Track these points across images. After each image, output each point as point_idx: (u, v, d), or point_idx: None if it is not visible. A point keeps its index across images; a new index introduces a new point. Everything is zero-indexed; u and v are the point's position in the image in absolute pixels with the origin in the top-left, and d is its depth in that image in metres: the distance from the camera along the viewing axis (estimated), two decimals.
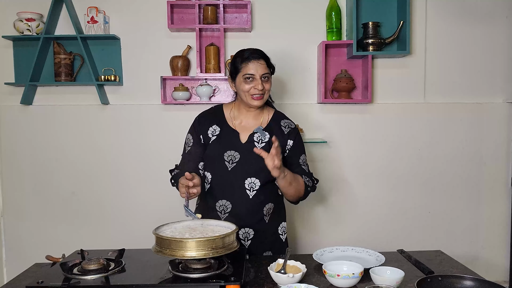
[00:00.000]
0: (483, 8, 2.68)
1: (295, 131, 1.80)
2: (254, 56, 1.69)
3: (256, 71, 1.68)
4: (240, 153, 1.71)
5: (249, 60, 1.68)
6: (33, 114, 2.67)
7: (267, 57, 1.74)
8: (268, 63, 1.73)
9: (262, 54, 1.72)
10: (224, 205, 1.69)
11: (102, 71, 2.63)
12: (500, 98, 2.73)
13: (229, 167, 1.70)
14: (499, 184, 2.76)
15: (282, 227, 1.82)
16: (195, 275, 1.29)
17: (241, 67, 1.70)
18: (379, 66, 2.68)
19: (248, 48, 1.74)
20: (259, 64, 1.69)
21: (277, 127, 1.78)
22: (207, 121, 1.78)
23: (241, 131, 1.76)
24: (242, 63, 1.70)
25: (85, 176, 2.69)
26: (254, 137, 1.74)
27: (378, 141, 2.71)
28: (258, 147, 1.71)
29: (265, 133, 1.74)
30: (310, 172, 1.82)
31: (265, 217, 1.74)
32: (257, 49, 1.74)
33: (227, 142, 1.73)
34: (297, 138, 1.79)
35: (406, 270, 1.41)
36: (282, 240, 1.81)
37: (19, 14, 2.51)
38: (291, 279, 1.32)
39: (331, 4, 2.58)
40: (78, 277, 1.30)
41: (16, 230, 2.71)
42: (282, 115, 1.85)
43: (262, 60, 1.70)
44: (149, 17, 2.63)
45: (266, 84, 1.71)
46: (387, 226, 2.75)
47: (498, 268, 2.78)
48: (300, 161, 1.78)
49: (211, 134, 1.76)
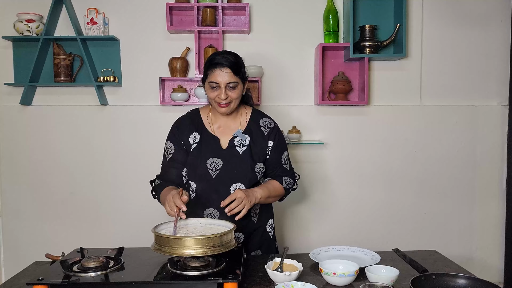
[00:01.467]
0: (478, 11, 2.71)
1: (275, 130, 1.76)
2: (220, 64, 1.60)
3: (221, 79, 1.60)
4: (222, 159, 1.68)
5: (215, 67, 1.60)
6: (32, 114, 2.68)
7: (235, 64, 1.62)
8: (235, 71, 1.61)
9: (229, 62, 1.61)
10: (211, 213, 1.68)
11: (101, 72, 2.65)
12: (495, 101, 2.77)
13: (213, 174, 1.67)
14: (493, 185, 2.79)
15: (270, 224, 1.82)
16: (194, 272, 1.30)
17: (208, 74, 1.64)
18: (376, 68, 2.71)
19: (220, 52, 1.68)
20: (224, 72, 1.60)
21: (256, 128, 1.74)
22: (187, 128, 1.74)
23: (221, 136, 1.72)
24: (208, 70, 1.63)
25: (83, 176, 2.71)
26: (235, 142, 1.71)
27: (374, 142, 2.74)
28: (240, 151, 1.70)
29: (245, 136, 1.72)
30: (291, 168, 1.82)
31: (253, 218, 1.75)
32: (228, 56, 1.63)
33: (208, 149, 1.70)
34: (277, 136, 1.76)
35: (401, 269, 1.43)
36: (270, 236, 1.82)
37: (19, 15, 2.53)
38: (288, 277, 1.34)
39: (329, 7, 2.61)
40: (78, 275, 1.31)
41: (14, 229, 2.72)
42: (261, 114, 1.80)
43: (227, 68, 1.60)
44: (148, 18, 2.65)
45: (231, 92, 1.63)
46: (383, 226, 2.77)
47: (492, 268, 2.81)
48: (282, 160, 1.77)
49: (192, 141, 1.72)
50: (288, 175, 1.79)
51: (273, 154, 1.75)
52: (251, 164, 1.69)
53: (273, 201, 1.77)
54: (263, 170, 1.74)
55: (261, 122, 1.77)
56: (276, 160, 1.76)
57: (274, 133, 1.76)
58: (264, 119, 1.78)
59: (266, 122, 1.77)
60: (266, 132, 1.75)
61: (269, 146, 1.74)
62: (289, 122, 2.65)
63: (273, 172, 1.77)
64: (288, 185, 1.77)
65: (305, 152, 2.71)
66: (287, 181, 1.77)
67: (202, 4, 2.55)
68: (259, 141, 1.73)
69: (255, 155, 1.71)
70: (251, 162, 1.70)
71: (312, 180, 2.72)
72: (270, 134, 1.75)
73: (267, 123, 1.77)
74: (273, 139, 1.75)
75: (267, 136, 1.74)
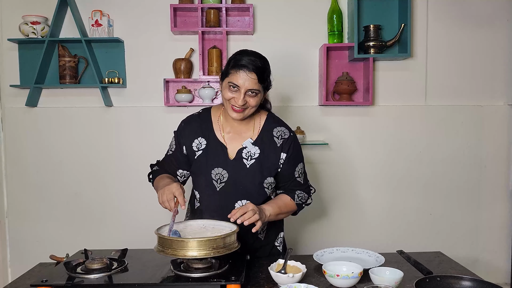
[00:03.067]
0: (484, 11, 2.69)
1: (290, 140, 1.61)
2: (246, 67, 1.47)
3: (243, 83, 1.47)
4: (228, 172, 1.57)
5: (240, 69, 1.47)
6: (37, 116, 2.70)
7: (262, 71, 1.50)
8: (260, 78, 1.49)
9: (257, 67, 1.48)
10: None
11: (106, 73, 2.66)
12: (501, 101, 2.74)
13: (217, 187, 1.58)
14: (499, 186, 2.76)
15: (279, 237, 1.75)
16: (196, 274, 1.30)
17: (230, 72, 1.50)
18: (380, 68, 2.70)
19: (249, 53, 1.53)
20: (248, 77, 1.47)
21: (269, 138, 1.61)
22: (193, 132, 1.63)
23: (229, 144, 1.60)
24: (233, 69, 1.49)
25: (88, 177, 2.72)
26: (243, 153, 1.59)
27: (379, 143, 2.73)
28: (248, 164, 1.58)
29: (255, 147, 1.59)
30: (306, 181, 1.69)
31: (260, 235, 1.68)
32: (256, 59, 1.50)
33: (214, 158, 1.58)
34: (292, 148, 1.61)
35: (405, 271, 1.42)
36: (280, 250, 1.74)
37: (24, 17, 2.55)
38: (291, 279, 1.33)
39: (333, 7, 2.60)
40: (81, 276, 1.32)
41: (20, 230, 2.74)
42: (276, 121, 1.66)
43: (253, 74, 1.47)
44: (152, 20, 2.66)
45: (250, 99, 1.50)
46: (388, 228, 2.76)
47: (499, 270, 2.78)
48: (295, 174, 1.64)
49: (196, 147, 1.61)
50: (302, 189, 1.66)
51: (286, 166, 1.61)
52: (259, 179, 1.58)
53: (284, 217, 1.66)
54: (273, 186, 1.62)
55: (275, 131, 1.62)
56: (289, 173, 1.63)
57: (288, 144, 1.61)
58: (278, 128, 1.63)
59: (280, 132, 1.62)
60: (279, 143, 1.60)
61: (282, 159, 1.60)
62: (293, 123, 2.64)
63: (285, 185, 1.65)
64: (301, 200, 1.65)
65: (309, 152, 2.70)
66: (300, 196, 1.65)
67: (206, 5, 2.55)
68: (270, 154, 1.60)
69: (265, 169, 1.59)
70: (260, 176, 1.58)
71: (316, 181, 2.71)
72: (284, 146, 1.60)
73: (281, 133, 1.62)
74: (286, 151, 1.60)
75: (279, 147, 1.60)
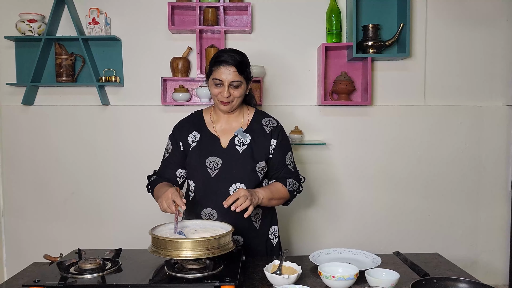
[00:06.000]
0: (483, 11, 2.68)
1: (278, 129, 1.74)
2: (225, 62, 1.60)
3: (225, 77, 1.60)
4: (222, 159, 1.67)
5: (220, 64, 1.60)
6: (34, 114, 2.68)
7: (240, 63, 1.62)
8: (240, 70, 1.61)
9: (235, 60, 1.61)
10: (209, 213, 1.66)
11: (103, 72, 2.64)
12: (500, 101, 2.73)
13: (212, 174, 1.66)
14: (498, 187, 2.75)
15: (272, 231, 1.79)
16: (191, 275, 1.29)
17: (212, 70, 1.64)
18: (379, 68, 2.69)
19: (226, 50, 1.66)
20: (228, 71, 1.60)
21: (258, 127, 1.73)
22: (186, 128, 1.75)
23: (222, 136, 1.71)
24: (214, 66, 1.63)
25: (85, 176, 2.71)
26: (235, 141, 1.69)
27: (377, 143, 2.71)
28: (240, 150, 1.68)
29: (246, 135, 1.70)
30: (296, 170, 1.78)
31: (255, 223, 1.72)
32: (234, 54, 1.63)
33: (207, 148, 1.69)
34: (281, 135, 1.73)
35: (402, 273, 1.41)
36: (273, 244, 1.78)
37: (21, 15, 2.53)
38: (286, 280, 1.32)
39: (331, 7, 2.59)
40: (74, 277, 1.31)
41: (16, 229, 2.73)
42: (263, 114, 1.79)
43: (232, 67, 1.60)
44: (150, 18, 2.65)
45: (234, 91, 1.63)
46: (386, 228, 2.74)
47: (498, 272, 2.77)
48: (286, 161, 1.73)
49: (191, 140, 1.72)
50: (292, 177, 1.73)
51: (277, 153, 1.71)
52: (251, 163, 1.66)
53: (276, 204, 1.71)
54: (265, 170, 1.70)
55: (264, 121, 1.74)
56: (280, 160, 1.72)
57: (277, 132, 1.73)
58: (266, 118, 1.76)
59: (268, 121, 1.75)
60: (269, 130, 1.72)
61: (272, 145, 1.71)
62: (292, 123, 2.63)
63: (277, 174, 1.73)
64: (293, 187, 1.72)
65: (307, 152, 2.68)
66: (292, 183, 1.72)
67: (204, 4, 2.54)
68: (261, 140, 1.70)
69: (256, 154, 1.68)
70: (252, 161, 1.67)
71: (314, 181, 2.69)
72: (273, 133, 1.72)
73: (269, 122, 1.75)
74: (276, 137, 1.72)
75: (269, 134, 1.71)
